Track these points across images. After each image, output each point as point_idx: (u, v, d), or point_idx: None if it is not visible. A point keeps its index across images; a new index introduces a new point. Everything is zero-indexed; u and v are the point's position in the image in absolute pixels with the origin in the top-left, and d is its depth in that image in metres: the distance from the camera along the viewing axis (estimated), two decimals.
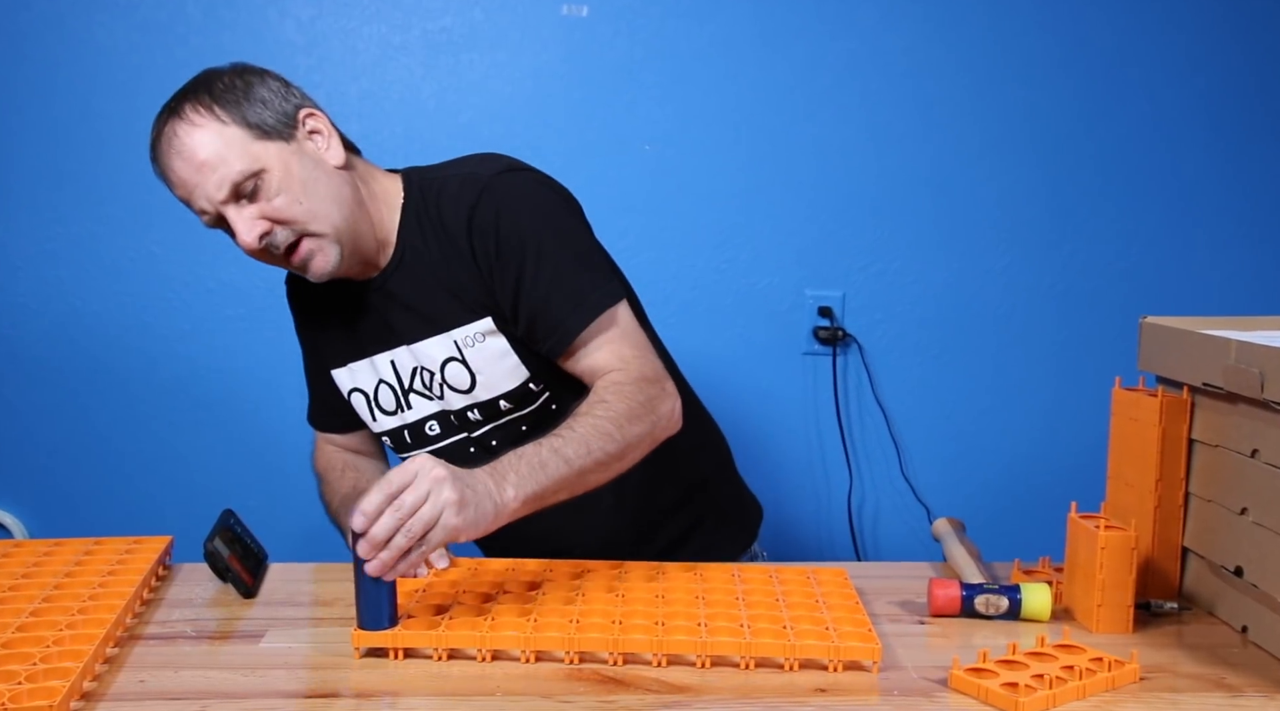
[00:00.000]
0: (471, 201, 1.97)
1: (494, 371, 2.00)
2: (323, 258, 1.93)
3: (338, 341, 2.14)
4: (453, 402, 2.04)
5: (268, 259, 1.95)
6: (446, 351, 2.01)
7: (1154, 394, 1.87)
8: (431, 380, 2.04)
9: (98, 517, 3.11)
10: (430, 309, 2.01)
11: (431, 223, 2.01)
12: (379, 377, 2.10)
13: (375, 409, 2.12)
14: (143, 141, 2.87)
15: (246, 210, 1.88)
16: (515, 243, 1.94)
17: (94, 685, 1.54)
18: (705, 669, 1.59)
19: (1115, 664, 1.58)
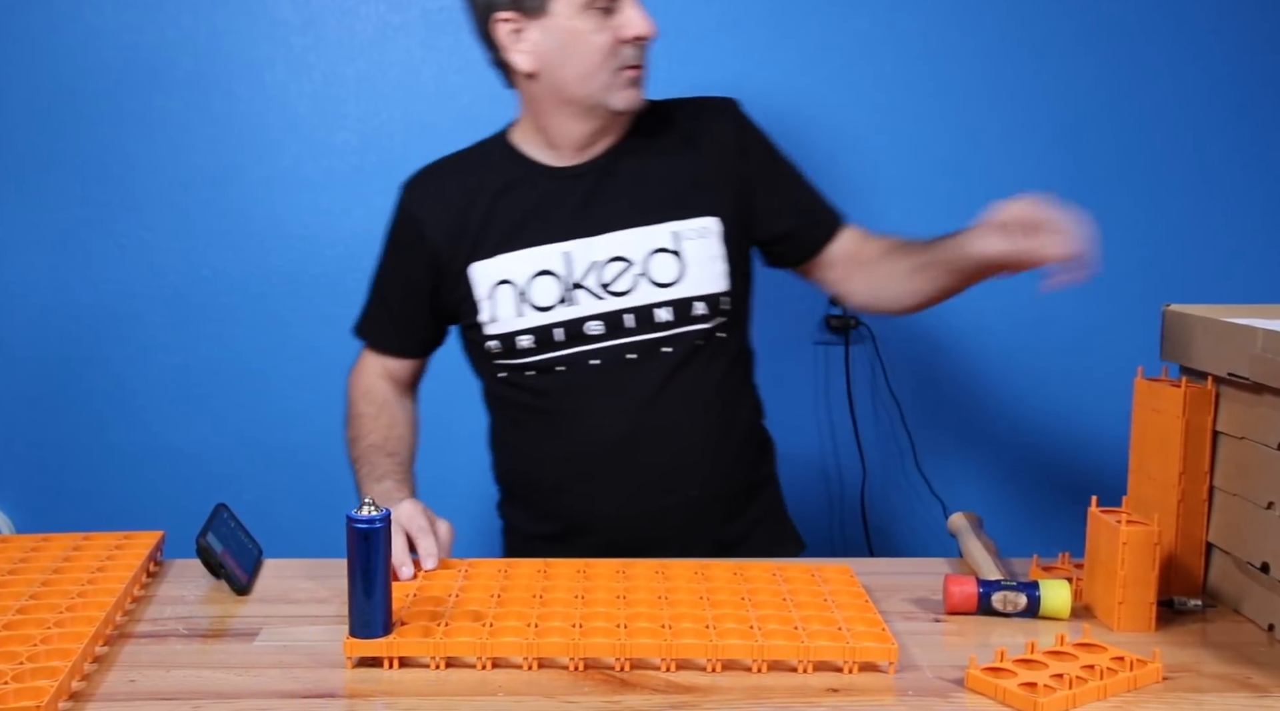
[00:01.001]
0: (724, 109, 2.26)
1: (704, 271, 2.15)
2: (641, 94, 2.14)
3: (492, 232, 2.18)
4: (644, 298, 2.14)
5: (619, 55, 2.08)
6: (659, 241, 2.15)
7: (1177, 384, 1.86)
8: (622, 273, 2.13)
9: (87, 512, 3.11)
10: (652, 199, 2.17)
11: (665, 127, 2.22)
12: (540, 268, 2.15)
13: (522, 302, 2.15)
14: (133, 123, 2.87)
15: (640, 6, 2.09)
16: (773, 152, 2.27)
17: (83, 685, 1.54)
18: (716, 672, 1.59)
19: (1137, 663, 1.57)
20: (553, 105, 2.14)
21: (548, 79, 2.10)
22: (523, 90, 2.18)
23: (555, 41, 2.06)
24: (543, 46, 2.08)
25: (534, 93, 2.15)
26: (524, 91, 2.18)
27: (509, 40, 2.10)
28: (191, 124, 3.03)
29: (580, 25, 2.05)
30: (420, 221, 2.24)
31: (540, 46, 2.08)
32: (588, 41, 2.05)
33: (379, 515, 1.59)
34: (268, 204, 3.06)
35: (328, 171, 3.06)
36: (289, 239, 3.07)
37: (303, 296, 3.08)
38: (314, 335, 3.09)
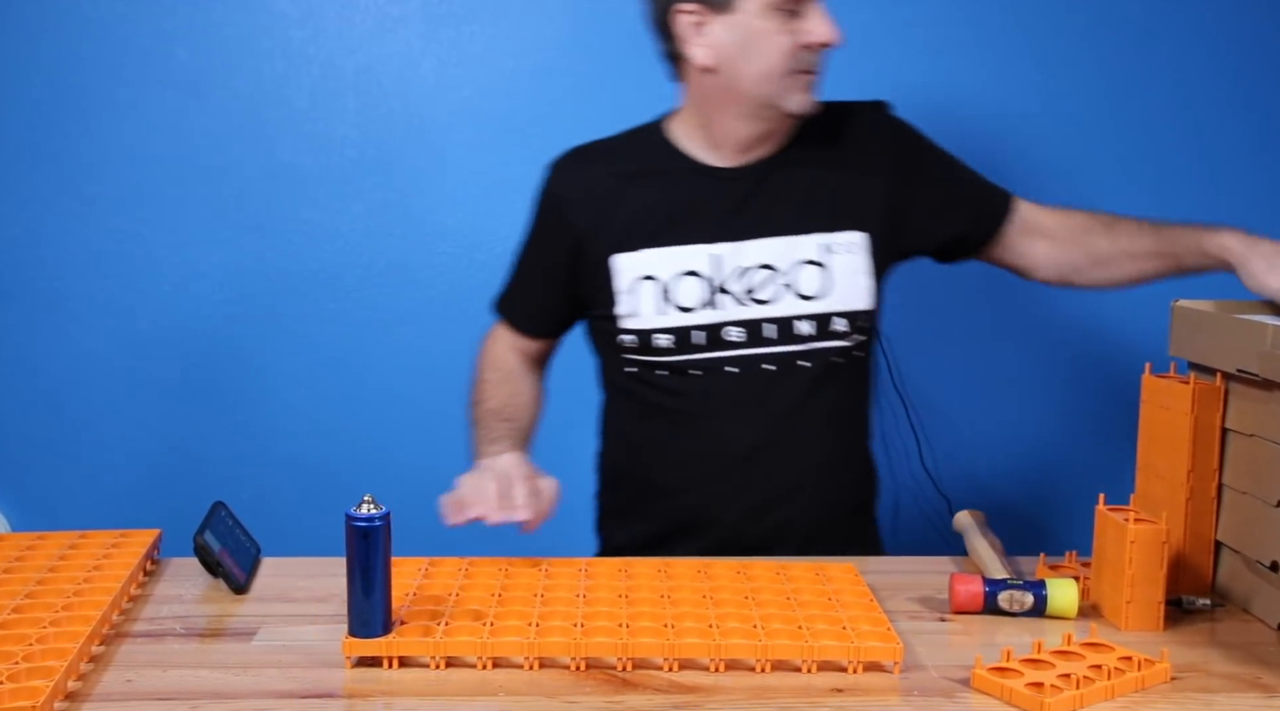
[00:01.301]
0: (876, 116, 2.27)
1: (848, 288, 2.17)
2: (816, 93, 2.14)
3: (638, 225, 2.18)
4: (787, 309, 2.15)
5: (801, 60, 2.08)
6: (807, 252, 2.16)
7: (1186, 381, 1.86)
8: (768, 281, 2.14)
9: (83, 510, 3.11)
10: (804, 207, 2.17)
11: (820, 129, 2.20)
12: (687, 268, 2.15)
13: (665, 301, 2.15)
14: (130, 116, 2.87)
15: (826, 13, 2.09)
16: (928, 153, 2.28)
17: (79, 684, 1.54)
18: (719, 672, 1.59)
19: (1145, 663, 1.58)
20: (724, 102, 2.13)
21: (724, 75, 2.10)
22: (692, 84, 2.17)
23: (737, 39, 2.06)
24: (723, 42, 2.07)
25: (706, 88, 2.14)
26: (694, 86, 2.17)
27: (689, 32, 2.09)
28: (188, 117, 3.02)
29: (765, 25, 2.05)
30: (564, 203, 2.24)
31: (721, 42, 2.08)
32: (771, 42, 2.05)
33: (378, 513, 1.59)
34: (265, 198, 3.06)
35: (326, 166, 3.05)
36: (287, 234, 3.07)
37: (301, 292, 3.08)
38: (312, 331, 3.09)
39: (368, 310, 3.09)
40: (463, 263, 3.07)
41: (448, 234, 3.07)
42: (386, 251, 3.08)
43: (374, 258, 3.07)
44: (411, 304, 3.09)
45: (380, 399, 3.12)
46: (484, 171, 3.05)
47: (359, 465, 3.12)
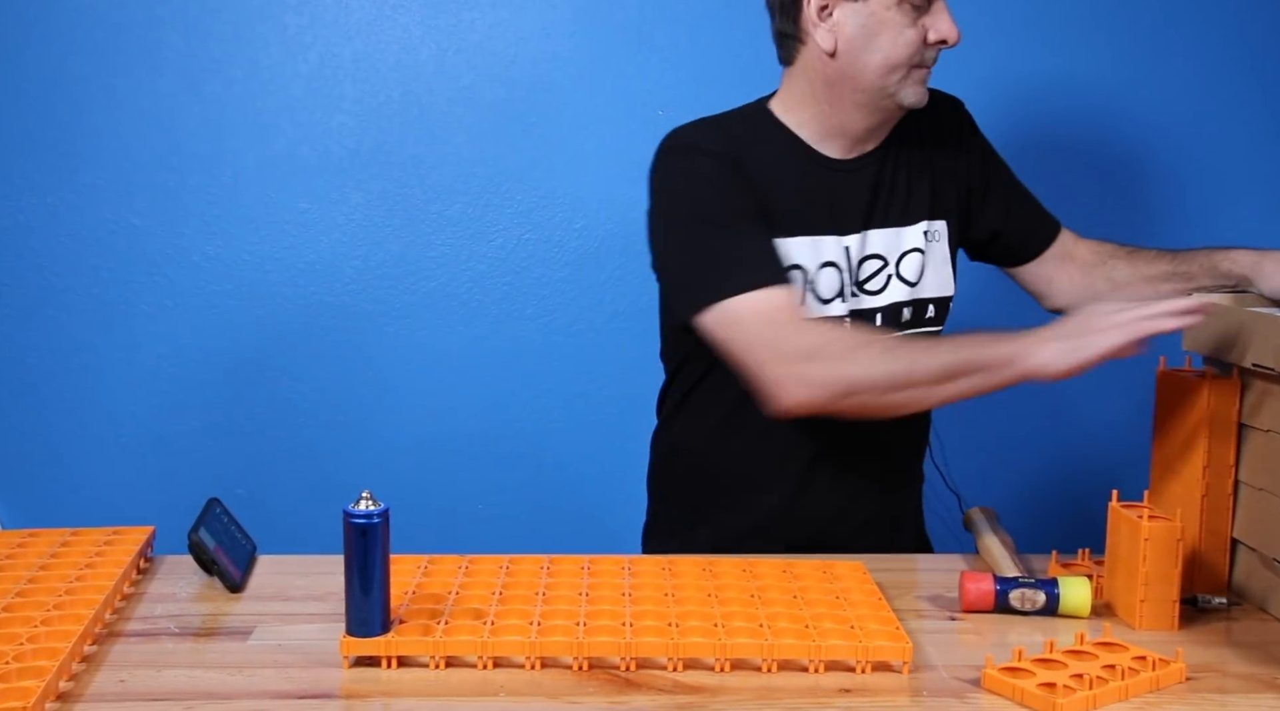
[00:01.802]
0: (955, 110, 2.32)
1: (938, 275, 2.24)
2: (926, 92, 2.13)
3: (780, 211, 2.13)
4: (891, 296, 2.19)
5: (917, 55, 2.08)
6: (912, 241, 2.21)
7: (1201, 375, 1.86)
8: (879, 272, 2.17)
9: (75, 507, 3.11)
10: (910, 198, 2.21)
11: (917, 118, 2.22)
12: (825, 259, 2.14)
13: (809, 293, 2.13)
14: (122, 104, 2.86)
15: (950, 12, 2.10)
16: (996, 154, 2.35)
17: (70, 685, 1.54)
18: (724, 672, 1.59)
19: (1160, 663, 1.57)
20: (840, 90, 2.12)
21: (845, 62, 2.09)
22: (807, 68, 2.15)
23: (864, 27, 2.06)
24: (849, 30, 2.06)
25: (825, 73, 2.12)
26: (809, 70, 2.14)
27: (815, 15, 2.08)
28: (183, 105, 3.02)
29: (894, 17, 2.04)
30: (740, 165, 2.11)
31: (846, 29, 2.07)
32: (899, 35, 2.05)
33: (376, 510, 1.59)
34: (261, 188, 3.06)
35: (323, 154, 3.05)
36: (283, 225, 3.06)
37: (298, 284, 3.08)
38: (309, 324, 3.08)
39: (366, 302, 3.09)
40: (463, 254, 3.07)
41: (448, 225, 3.07)
42: (385, 243, 3.07)
43: (372, 249, 3.07)
44: (410, 296, 3.09)
45: (378, 393, 3.12)
46: (485, 161, 3.05)
47: (357, 461, 3.12)
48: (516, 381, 3.11)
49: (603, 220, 3.07)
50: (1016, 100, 3.11)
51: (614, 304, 3.10)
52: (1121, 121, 3.13)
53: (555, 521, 3.13)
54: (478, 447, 3.11)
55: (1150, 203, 3.17)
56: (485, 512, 3.13)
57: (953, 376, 1.89)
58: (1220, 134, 3.14)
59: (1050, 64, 3.10)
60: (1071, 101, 3.12)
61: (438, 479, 3.11)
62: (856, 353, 1.94)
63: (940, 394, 1.92)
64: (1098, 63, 3.10)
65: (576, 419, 3.08)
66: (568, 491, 3.13)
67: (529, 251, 3.07)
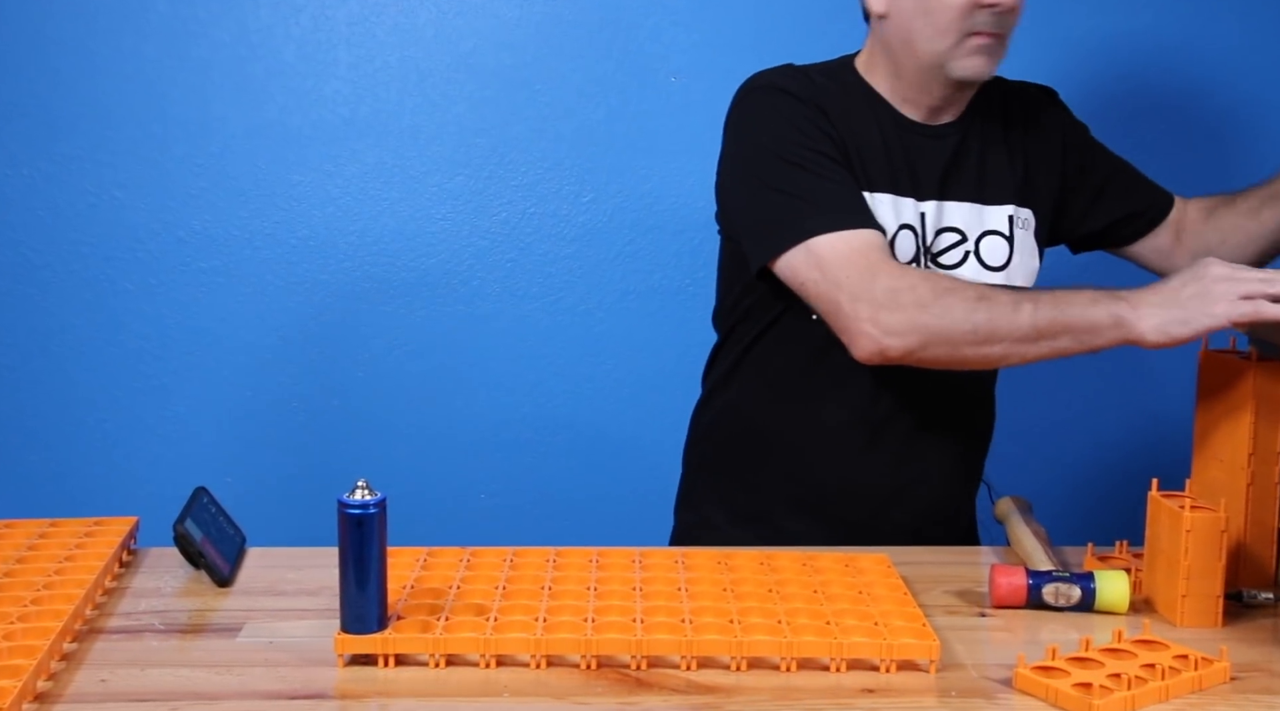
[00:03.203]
0: (1049, 100, 2.36)
1: (1025, 264, 2.24)
2: (993, 63, 2.12)
3: (863, 165, 2.15)
4: (968, 274, 2.16)
5: (960, 23, 2.06)
6: (994, 223, 2.22)
7: (1246, 357, 1.86)
8: (955, 246, 2.18)
9: (53, 496, 3.11)
10: (992, 176, 2.22)
11: (1008, 104, 2.28)
12: (903, 221, 2.15)
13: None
14: (103, 69, 2.86)
15: None
16: (1095, 142, 2.39)
17: (49, 684, 1.54)
18: (741, 671, 1.58)
19: (1202, 662, 1.57)
20: (900, 56, 2.14)
21: (896, 25, 2.11)
22: (875, 31, 2.19)
23: None
24: None
25: (885, 35, 2.15)
26: (875, 33, 2.19)
27: None
28: (167, 71, 3.02)
29: None
30: (826, 113, 2.13)
31: None
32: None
33: (373, 500, 1.58)
34: (251, 159, 3.05)
35: (317, 124, 3.05)
36: (274, 198, 3.06)
37: (289, 261, 3.07)
38: (300, 304, 3.08)
39: (362, 280, 3.09)
40: (464, 229, 3.07)
41: (448, 198, 3.07)
42: (381, 217, 3.07)
43: (368, 224, 3.07)
44: (409, 274, 3.08)
45: (375, 376, 3.12)
46: (487, 131, 3.05)
47: (352, 447, 3.12)
48: (520, 363, 3.11)
49: (612, 193, 3.06)
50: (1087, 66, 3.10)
51: (624, 281, 3.09)
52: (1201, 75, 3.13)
53: (562, 511, 3.13)
54: (480, 433, 3.11)
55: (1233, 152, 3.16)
56: (488, 502, 3.13)
57: (1043, 336, 1.92)
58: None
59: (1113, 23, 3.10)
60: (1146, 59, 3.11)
61: (437, 466, 3.11)
62: (941, 300, 1.94)
63: (1027, 352, 1.94)
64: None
65: (584, 403, 3.09)
66: (575, 479, 3.13)
67: (534, 226, 3.06)
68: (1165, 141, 3.09)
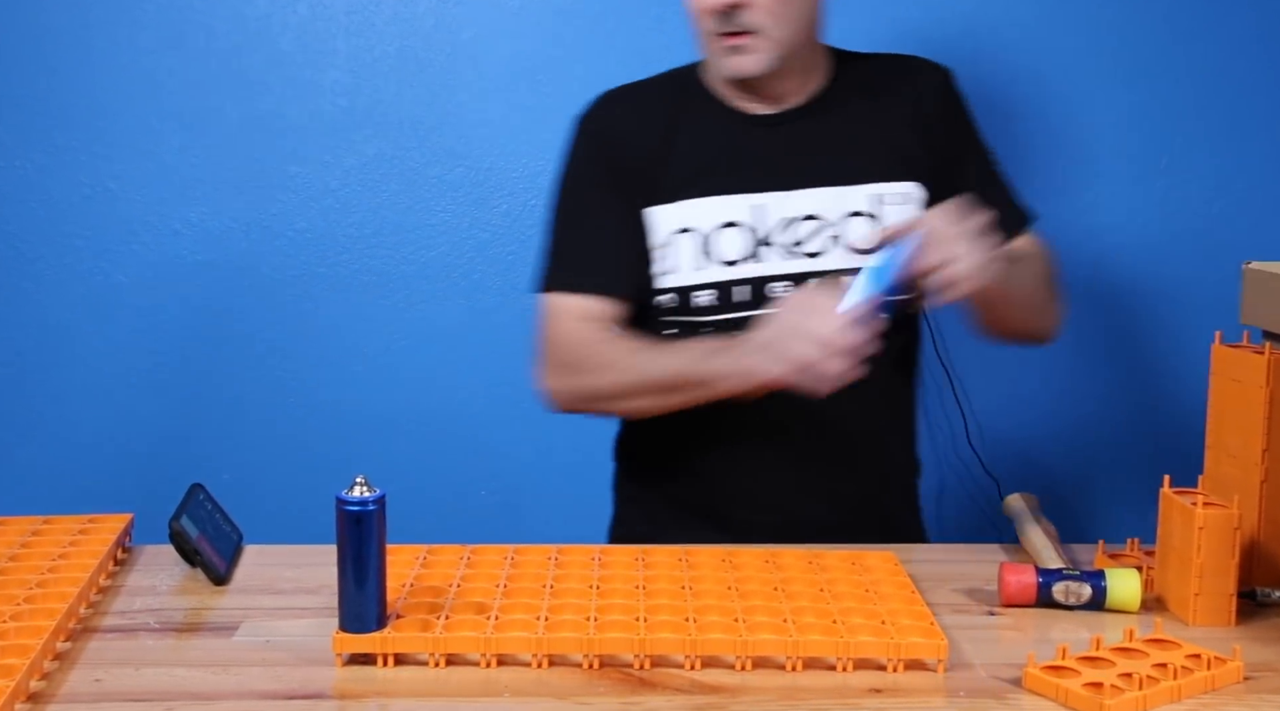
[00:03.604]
0: (934, 75, 2.27)
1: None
2: (753, 61, 2.08)
3: (676, 175, 2.18)
4: (835, 262, 2.15)
5: (708, 24, 2.08)
6: (857, 203, 2.17)
7: (1260, 351, 1.85)
8: (815, 233, 2.15)
9: (47, 493, 3.11)
10: (853, 157, 2.19)
11: (869, 82, 2.24)
12: (727, 220, 2.16)
13: (705, 255, 2.15)
14: (98, 60, 2.85)
15: None
16: (975, 133, 2.31)
17: (42, 684, 1.54)
18: (746, 671, 1.58)
19: (1215, 661, 1.57)
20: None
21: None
22: None
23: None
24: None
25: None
26: None
27: None
28: (163, 61, 3.02)
29: None
30: (614, 145, 2.23)
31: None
32: (688, 4, 2.09)
33: (372, 496, 1.58)
34: (248, 151, 3.05)
35: (315, 114, 3.05)
36: (271, 190, 3.06)
37: (287, 253, 3.07)
38: (299, 296, 3.08)
39: (361, 273, 3.09)
40: (465, 222, 3.07)
41: (448, 190, 3.07)
42: (380, 209, 3.07)
43: (367, 216, 3.07)
44: (408, 267, 3.08)
45: (374, 370, 3.12)
46: (488, 122, 3.04)
47: (351, 443, 3.12)
48: (522, 358, 3.09)
49: None
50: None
51: None
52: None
53: (564, 508, 3.13)
54: (481, 429, 3.11)
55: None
56: (489, 499, 3.13)
57: (675, 389, 2.06)
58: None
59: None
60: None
61: (438, 463, 3.11)
62: (596, 369, 2.14)
63: (668, 403, 2.08)
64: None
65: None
66: (577, 476, 3.13)
67: (536, 218, 3.04)
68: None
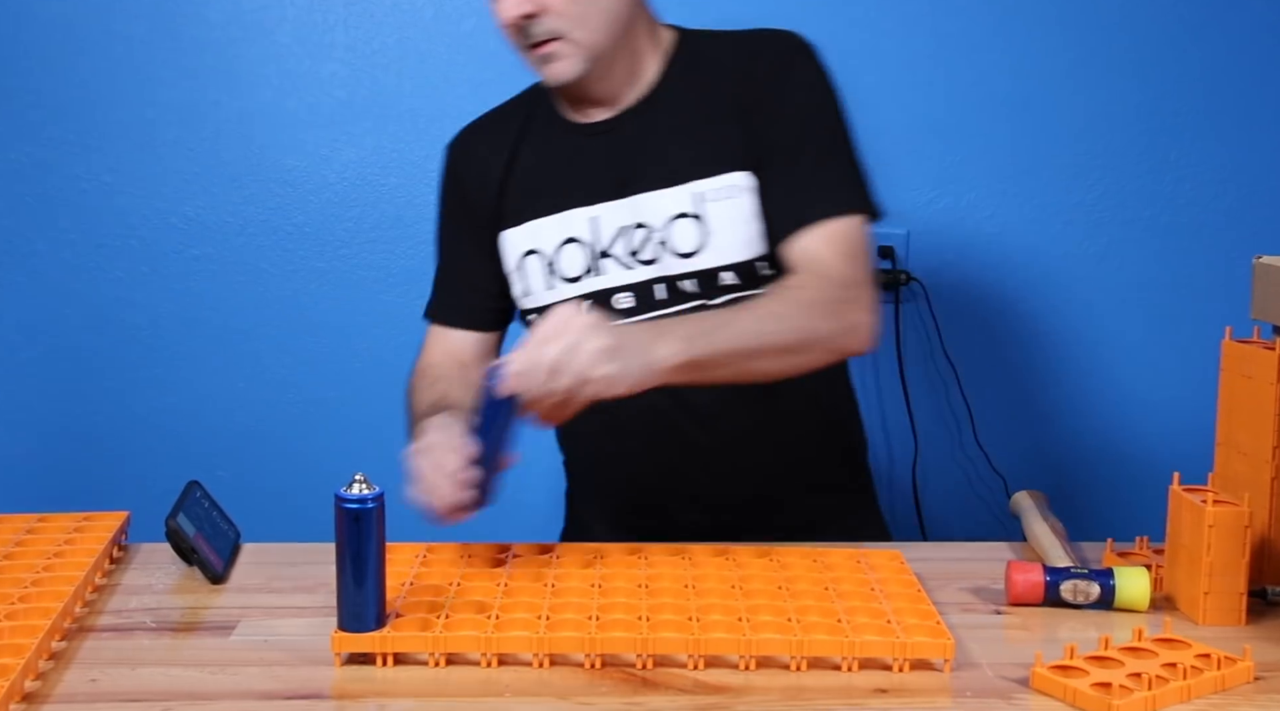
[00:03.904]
0: (775, 58, 2.10)
1: (732, 236, 2.07)
2: (565, 66, 2.03)
3: (522, 196, 2.18)
4: (668, 268, 2.09)
5: (517, 40, 2.04)
6: (680, 205, 2.08)
7: (1271, 346, 1.85)
8: (646, 241, 2.10)
9: (42, 490, 3.11)
10: (673, 157, 2.10)
11: (704, 69, 2.14)
12: (567, 236, 2.14)
13: (551, 274, 2.14)
14: (92, 52, 2.85)
15: None
16: (809, 111, 2.08)
17: (37, 685, 1.54)
18: (750, 671, 1.58)
19: (1225, 661, 1.57)
20: None
21: None
22: None
23: None
24: None
25: None
26: None
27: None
28: (159, 53, 3.02)
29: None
30: (464, 182, 2.26)
31: None
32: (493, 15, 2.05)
33: (371, 494, 1.58)
34: (245, 144, 3.05)
35: (313, 107, 3.05)
36: (269, 183, 3.06)
37: (285, 248, 3.07)
38: (298, 291, 3.08)
39: (359, 269, 3.09)
40: None
41: None
42: (380, 204, 3.07)
43: (365, 211, 3.07)
44: (407, 262, 3.08)
45: (373, 366, 3.12)
46: None
47: (349, 440, 3.12)
48: None
49: None
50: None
51: None
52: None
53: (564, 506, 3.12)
54: None
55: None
56: None
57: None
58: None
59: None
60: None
61: None
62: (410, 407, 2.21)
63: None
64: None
65: None
66: None
67: None
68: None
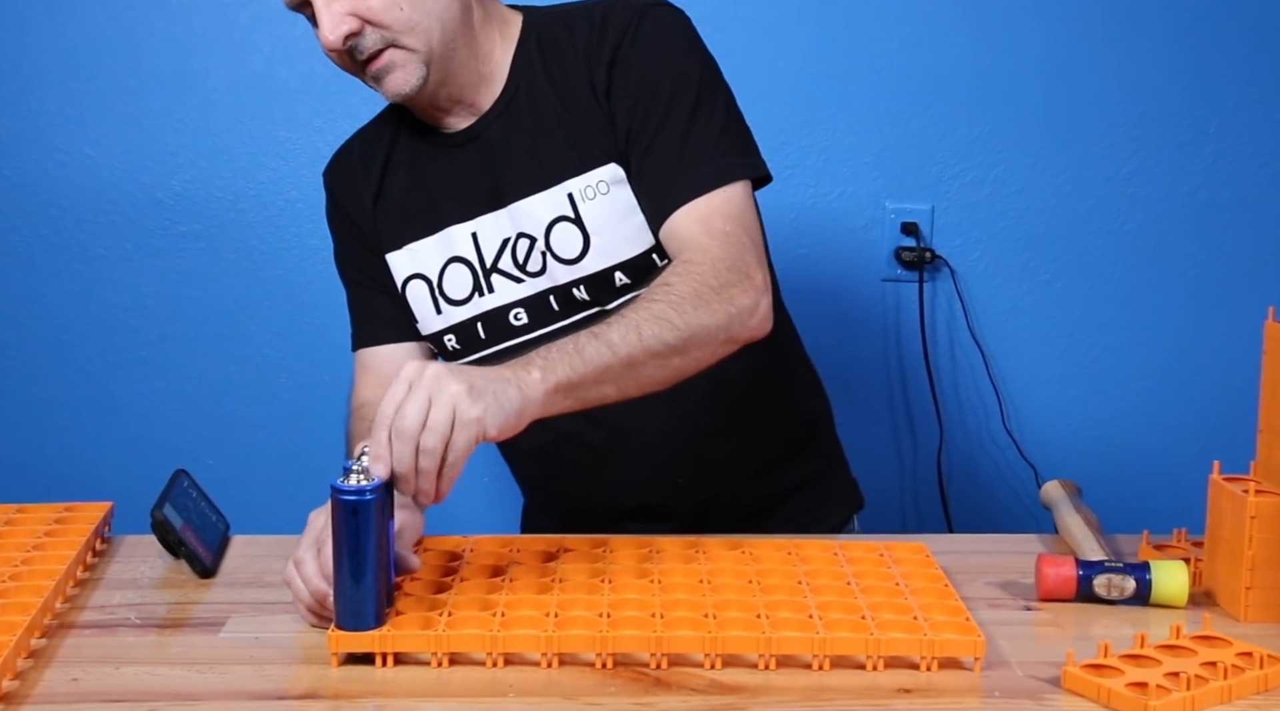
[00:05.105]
0: (618, 29, 2.00)
1: (613, 233, 2.01)
2: (403, 75, 1.97)
3: (398, 218, 2.15)
4: (556, 278, 2.05)
5: (347, 63, 2.00)
6: (556, 209, 2.03)
7: None
8: (531, 250, 2.05)
9: (22, 479, 3.12)
10: (541, 157, 2.04)
11: (555, 56, 2.05)
12: (450, 255, 2.10)
13: (439, 297, 2.12)
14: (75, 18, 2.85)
15: (337, 3, 1.93)
16: (662, 81, 1.98)
17: (16, 684, 1.54)
18: (769, 670, 1.58)
19: (1268, 660, 1.56)
20: None
21: None
22: None
23: None
24: None
25: None
26: None
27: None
28: (143, 20, 3.01)
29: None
30: (344, 207, 2.22)
31: None
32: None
33: (369, 484, 1.57)
34: (235, 115, 3.05)
35: (306, 76, 3.04)
36: (260, 156, 3.06)
37: (277, 225, 3.07)
38: (290, 272, 3.08)
39: None
40: None
41: None
42: None
43: None
44: None
45: None
46: None
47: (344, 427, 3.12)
48: None
49: None
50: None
51: None
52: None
53: None
54: None
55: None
56: (492, 485, 3.12)
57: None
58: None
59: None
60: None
61: None
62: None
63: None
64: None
65: None
66: None
67: None
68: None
